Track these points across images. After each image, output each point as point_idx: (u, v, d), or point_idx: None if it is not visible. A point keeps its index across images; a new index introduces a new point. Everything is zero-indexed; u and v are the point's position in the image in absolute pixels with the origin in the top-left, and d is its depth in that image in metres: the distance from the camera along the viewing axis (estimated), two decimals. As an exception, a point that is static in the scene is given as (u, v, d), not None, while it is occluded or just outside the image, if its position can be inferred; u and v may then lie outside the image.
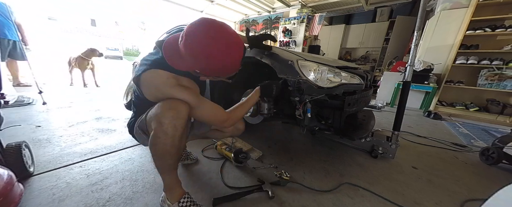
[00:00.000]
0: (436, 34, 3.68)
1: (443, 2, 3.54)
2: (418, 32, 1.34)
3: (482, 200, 0.55)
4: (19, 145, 1.03)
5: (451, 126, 2.69)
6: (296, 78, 1.13)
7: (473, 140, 2.16)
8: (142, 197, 0.98)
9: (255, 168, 1.29)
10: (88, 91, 3.55)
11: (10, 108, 2.20)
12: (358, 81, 1.26)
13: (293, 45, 5.60)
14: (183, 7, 6.11)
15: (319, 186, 1.13)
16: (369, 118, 1.79)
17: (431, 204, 1.06)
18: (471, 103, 3.49)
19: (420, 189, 1.19)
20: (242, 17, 7.20)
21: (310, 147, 1.69)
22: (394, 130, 1.44)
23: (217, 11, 6.49)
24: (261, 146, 1.59)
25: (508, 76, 3.11)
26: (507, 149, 1.48)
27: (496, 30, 3.11)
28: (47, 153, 1.33)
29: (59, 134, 1.64)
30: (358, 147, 1.67)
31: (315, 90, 1.11)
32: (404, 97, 1.41)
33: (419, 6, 1.35)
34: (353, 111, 1.27)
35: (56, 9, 14.80)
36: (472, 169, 1.49)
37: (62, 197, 0.94)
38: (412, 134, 2.21)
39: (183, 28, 0.70)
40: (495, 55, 3.26)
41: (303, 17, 5.29)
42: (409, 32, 5.46)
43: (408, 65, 1.40)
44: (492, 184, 1.31)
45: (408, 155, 1.66)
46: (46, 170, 1.14)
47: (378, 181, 1.23)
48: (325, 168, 1.35)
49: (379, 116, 2.95)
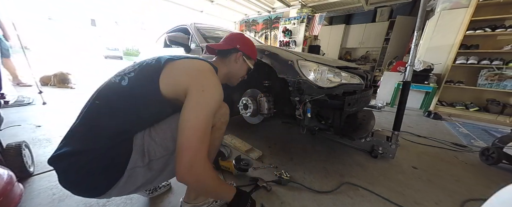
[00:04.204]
0: (436, 34, 3.68)
1: (443, 2, 3.54)
2: (418, 32, 1.34)
3: (482, 200, 0.55)
4: (19, 145, 1.03)
5: (451, 126, 2.69)
6: (296, 78, 1.13)
7: (473, 140, 2.16)
8: (142, 197, 0.98)
9: (255, 168, 1.29)
10: (88, 91, 3.55)
11: (10, 107, 2.20)
12: (358, 81, 1.26)
13: (293, 45, 5.59)
14: (183, 7, 6.11)
15: (319, 186, 1.14)
16: (369, 118, 1.79)
17: (431, 204, 1.06)
18: (471, 103, 3.49)
19: (420, 189, 1.19)
20: (242, 17, 7.21)
21: (310, 147, 1.69)
22: (394, 130, 1.44)
23: (217, 11, 6.49)
24: (261, 146, 1.60)
25: (508, 76, 3.11)
26: (507, 149, 1.48)
27: (496, 30, 3.11)
28: (47, 153, 1.33)
29: (59, 134, 1.64)
30: (358, 147, 1.67)
31: (315, 90, 1.11)
32: (404, 97, 1.41)
33: (419, 6, 1.35)
34: (353, 110, 1.27)
35: (56, 9, 14.80)
36: (472, 169, 1.49)
37: (62, 197, 0.94)
38: (412, 134, 2.21)
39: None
40: (495, 55, 3.26)
41: (303, 17, 5.29)
42: (409, 32, 5.46)
43: (408, 65, 1.40)
44: (492, 184, 1.31)
45: (408, 155, 1.66)
46: (46, 170, 1.14)
47: (378, 181, 1.23)
48: (325, 168, 1.35)
49: (379, 116, 2.95)
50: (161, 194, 1.00)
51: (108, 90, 0.67)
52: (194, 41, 1.98)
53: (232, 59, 0.93)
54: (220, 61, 0.94)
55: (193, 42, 2.00)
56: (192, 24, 2.15)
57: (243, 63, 0.95)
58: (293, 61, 1.15)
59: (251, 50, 0.97)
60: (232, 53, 0.92)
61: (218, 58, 0.95)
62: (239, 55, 0.92)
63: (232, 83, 1.02)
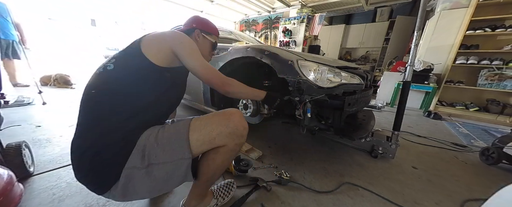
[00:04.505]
0: (436, 34, 3.68)
1: (443, 2, 3.54)
2: (418, 32, 1.34)
3: (482, 200, 0.55)
4: (19, 145, 1.03)
5: (451, 126, 2.69)
6: (296, 78, 1.13)
7: (473, 140, 2.16)
8: (142, 197, 0.97)
9: (255, 168, 1.29)
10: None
11: (10, 107, 2.20)
12: (358, 81, 1.26)
13: (293, 45, 5.59)
14: (183, 7, 6.11)
15: (319, 186, 1.14)
16: (369, 118, 1.79)
17: (431, 204, 1.06)
18: (471, 103, 3.48)
19: (420, 189, 1.19)
20: (242, 17, 7.20)
21: (310, 147, 1.69)
22: (394, 130, 1.44)
23: (217, 11, 6.49)
24: (261, 146, 1.59)
25: (508, 76, 3.11)
26: (507, 149, 1.48)
27: (496, 30, 3.11)
28: (47, 153, 1.33)
29: (59, 134, 1.64)
30: (358, 147, 1.67)
31: (315, 90, 1.11)
32: (404, 97, 1.41)
33: (419, 6, 1.35)
34: (353, 110, 1.27)
35: (56, 9, 14.77)
36: (472, 169, 1.49)
37: (62, 197, 0.94)
38: (412, 134, 2.21)
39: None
40: (495, 55, 3.26)
41: (303, 17, 5.29)
42: (409, 32, 5.46)
43: (408, 65, 1.40)
44: (492, 184, 1.31)
45: (408, 155, 1.66)
46: (46, 170, 1.14)
47: (378, 181, 1.23)
48: (325, 168, 1.35)
49: (379, 116, 2.95)
50: (161, 195, 1.00)
51: (97, 79, 0.69)
52: (194, 41, 1.98)
53: (193, 38, 0.98)
54: None
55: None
56: (192, 24, 2.15)
57: (204, 40, 1.00)
58: (293, 61, 1.15)
59: (208, 26, 1.02)
60: (193, 33, 0.98)
61: None
62: (197, 33, 0.98)
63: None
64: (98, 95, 0.66)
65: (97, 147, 0.61)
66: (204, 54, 1.00)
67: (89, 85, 0.69)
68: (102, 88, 0.67)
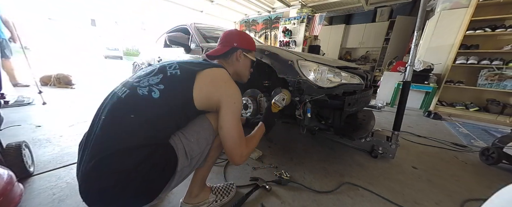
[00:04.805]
0: (436, 34, 3.68)
1: (443, 2, 3.54)
2: (418, 32, 1.34)
3: (482, 200, 0.55)
4: (19, 145, 1.03)
5: (451, 126, 2.69)
6: (296, 78, 1.13)
7: (473, 140, 2.15)
8: (142, 197, 0.97)
9: (255, 168, 1.29)
10: (88, 91, 3.55)
11: (10, 107, 2.20)
12: (358, 81, 1.26)
13: (293, 45, 5.59)
14: (183, 7, 6.11)
15: (319, 186, 1.14)
16: (369, 118, 1.79)
17: (431, 204, 1.06)
18: (471, 103, 3.48)
19: (420, 189, 1.19)
20: (242, 17, 7.21)
21: (310, 147, 1.69)
22: (394, 130, 1.44)
23: (217, 11, 6.49)
24: (261, 146, 1.59)
25: (508, 76, 3.11)
26: (507, 149, 1.48)
27: (496, 30, 3.11)
28: (47, 153, 1.33)
29: (59, 134, 1.64)
30: (358, 147, 1.67)
31: (315, 90, 1.11)
32: (404, 97, 1.41)
33: (419, 6, 1.35)
34: (353, 110, 1.27)
35: (56, 9, 14.79)
36: (472, 169, 1.49)
37: (62, 197, 0.94)
38: (412, 134, 2.21)
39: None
40: (495, 55, 3.26)
41: (303, 17, 5.29)
42: (409, 32, 5.46)
43: (408, 65, 1.40)
44: (492, 184, 1.31)
45: (408, 155, 1.66)
46: (46, 170, 1.14)
47: (378, 181, 1.23)
48: (325, 168, 1.35)
49: (379, 116, 2.95)
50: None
51: (138, 103, 0.65)
52: (194, 41, 1.98)
53: (234, 59, 0.93)
54: (224, 62, 0.94)
55: (193, 42, 2.00)
56: (192, 24, 2.15)
57: (245, 59, 0.96)
58: (293, 61, 1.15)
59: (248, 43, 0.96)
60: (232, 53, 0.93)
61: (221, 60, 0.95)
62: (239, 53, 0.93)
63: (242, 80, 1.03)
64: (137, 122, 0.62)
65: (144, 169, 0.60)
66: (244, 73, 0.99)
67: (125, 107, 0.64)
68: (142, 115, 0.63)
